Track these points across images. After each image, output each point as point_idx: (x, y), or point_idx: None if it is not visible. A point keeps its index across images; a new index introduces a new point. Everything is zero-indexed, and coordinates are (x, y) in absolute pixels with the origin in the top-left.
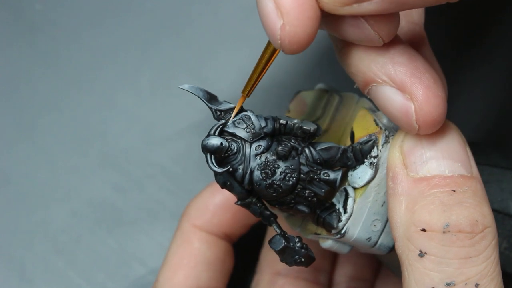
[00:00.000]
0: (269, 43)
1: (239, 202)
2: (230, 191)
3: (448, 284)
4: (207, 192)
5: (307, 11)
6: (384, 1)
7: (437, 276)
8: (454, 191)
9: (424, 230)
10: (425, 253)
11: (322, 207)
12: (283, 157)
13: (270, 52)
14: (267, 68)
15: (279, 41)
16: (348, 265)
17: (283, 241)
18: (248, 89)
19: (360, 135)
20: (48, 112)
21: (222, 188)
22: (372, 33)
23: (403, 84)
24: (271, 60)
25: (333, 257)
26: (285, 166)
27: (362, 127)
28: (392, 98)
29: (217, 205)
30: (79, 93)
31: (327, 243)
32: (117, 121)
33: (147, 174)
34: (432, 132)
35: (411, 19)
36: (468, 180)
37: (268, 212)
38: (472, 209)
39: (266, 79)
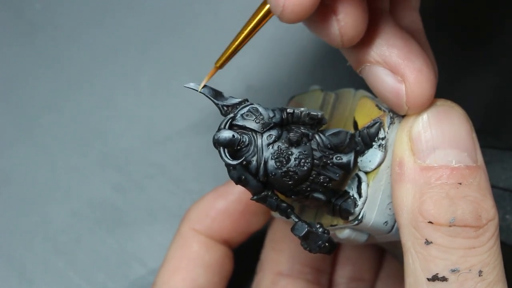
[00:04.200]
0: (260, 8)
1: (255, 197)
2: (245, 186)
3: (453, 271)
4: (210, 198)
5: None
6: None
7: (442, 263)
8: (460, 183)
9: (430, 222)
10: (431, 242)
11: (337, 196)
12: (296, 143)
13: (258, 18)
14: (250, 38)
15: (281, 5)
16: (348, 265)
17: (306, 226)
18: (223, 60)
19: (364, 122)
20: (48, 112)
21: (237, 183)
22: (336, 33)
23: (396, 66)
24: (257, 28)
25: (333, 258)
26: (299, 152)
27: (365, 114)
28: (384, 79)
29: (218, 211)
30: (79, 93)
31: (345, 233)
32: (117, 121)
33: (147, 174)
34: (439, 118)
35: (408, 3)
36: (473, 171)
37: (285, 204)
38: (476, 204)
39: (265, 80)
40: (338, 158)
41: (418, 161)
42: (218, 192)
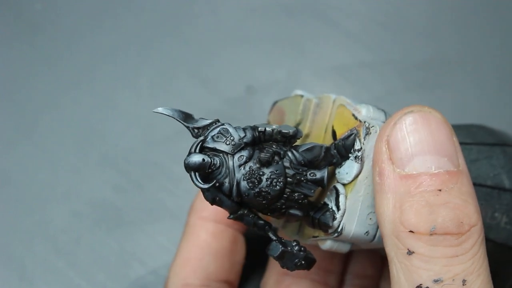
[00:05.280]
0: None
1: (231, 216)
2: (220, 206)
3: (436, 281)
4: None
5: None
6: None
7: (425, 273)
8: (440, 190)
9: (411, 232)
10: (413, 252)
11: (316, 209)
12: (266, 163)
13: None
14: None
15: None
16: (352, 262)
17: (280, 246)
18: None
19: (341, 132)
20: (48, 112)
21: (212, 204)
22: None
23: None
24: None
25: (344, 257)
26: (270, 172)
27: (343, 123)
28: None
29: None
30: (79, 93)
31: (326, 244)
32: (117, 121)
33: (147, 174)
34: (416, 124)
35: None
36: (454, 176)
37: (262, 221)
38: (457, 210)
39: (265, 80)
40: (312, 174)
41: (397, 169)
42: None
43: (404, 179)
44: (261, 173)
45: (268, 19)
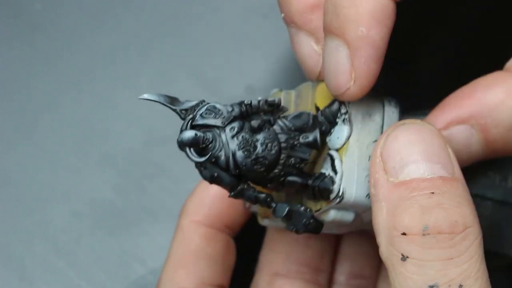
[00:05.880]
0: None
1: (232, 194)
2: (219, 184)
3: (431, 287)
4: (202, 186)
5: (374, 79)
6: None
7: (420, 279)
8: (433, 193)
9: (404, 234)
10: (407, 257)
11: (313, 177)
12: (258, 128)
13: None
14: None
15: (340, 94)
16: (348, 262)
17: (286, 205)
18: None
19: (325, 105)
20: (48, 112)
21: (211, 183)
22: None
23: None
24: None
25: (332, 256)
26: (263, 137)
27: (325, 97)
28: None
29: (213, 197)
30: (79, 93)
31: (330, 215)
32: (117, 121)
33: (147, 174)
34: (410, 136)
35: None
36: (448, 181)
37: (263, 194)
38: (450, 210)
39: (265, 81)
40: (304, 137)
41: (391, 178)
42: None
43: (397, 186)
44: (255, 139)
45: (268, 19)
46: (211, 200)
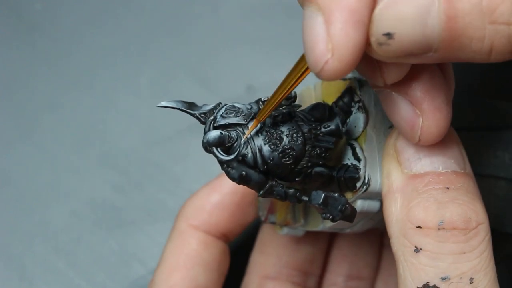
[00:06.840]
0: (299, 62)
1: (261, 192)
2: (248, 183)
3: (443, 279)
4: (204, 192)
5: (357, 51)
6: (434, 57)
7: (432, 271)
8: (447, 188)
9: (419, 227)
10: (421, 249)
11: (337, 169)
12: (281, 121)
13: (299, 72)
14: (290, 90)
15: (319, 70)
16: (345, 264)
17: (322, 192)
18: (265, 114)
19: (334, 99)
20: (48, 112)
21: (239, 183)
22: (379, 79)
23: (417, 100)
24: (299, 81)
25: (322, 261)
26: (288, 129)
27: (333, 92)
28: (403, 108)
29: (214, 205)
30: (79, 93)
31: (358, 205)
32: (117, 121)
33: (147, 174)
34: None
35: None
36: (461, 176)
37: (292, 190)
38: (465, 206)
39: (265, 81)
40: (326, 126)
41: (405, 170)
42: (212, 186)
43: (412, 178)
44: (279, 132)
45: (268, 19)
46: (212, 207)
